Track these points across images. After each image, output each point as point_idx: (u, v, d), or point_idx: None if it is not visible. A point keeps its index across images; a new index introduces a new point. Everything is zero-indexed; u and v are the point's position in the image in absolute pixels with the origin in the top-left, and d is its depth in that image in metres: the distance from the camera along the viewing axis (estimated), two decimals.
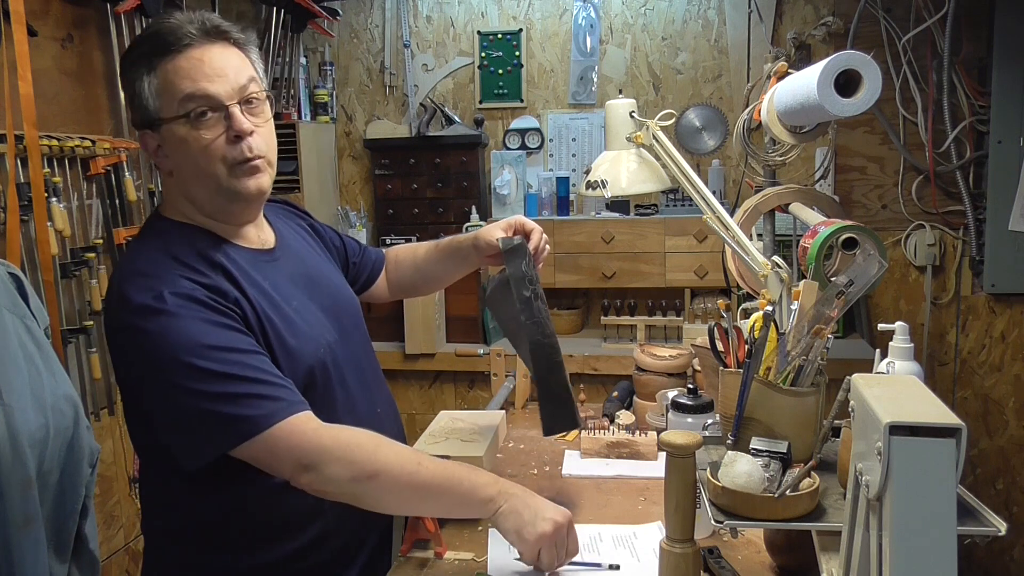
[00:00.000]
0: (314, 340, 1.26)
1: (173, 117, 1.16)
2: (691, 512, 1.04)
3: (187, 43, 1.16)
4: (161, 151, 1.21)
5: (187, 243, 1.21)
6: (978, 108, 2.72)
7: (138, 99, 1.18)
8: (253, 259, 1.27)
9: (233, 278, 1.20)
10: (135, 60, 1.18)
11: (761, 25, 3.02)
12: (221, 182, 1.19)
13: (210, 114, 1.16)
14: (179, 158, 1.19)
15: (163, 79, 1.16)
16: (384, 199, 3.30)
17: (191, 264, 1.17)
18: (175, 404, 1.12)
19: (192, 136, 1.16)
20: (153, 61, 1.16)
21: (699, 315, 2.86)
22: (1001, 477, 2.89)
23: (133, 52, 1.20)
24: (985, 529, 0.91)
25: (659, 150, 1.57)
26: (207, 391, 1.10)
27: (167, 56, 1.16)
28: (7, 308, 1.54)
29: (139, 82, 1.17)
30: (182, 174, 1.21)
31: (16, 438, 1.46)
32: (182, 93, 1.15)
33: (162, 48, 1.16)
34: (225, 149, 1.18)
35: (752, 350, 1.16)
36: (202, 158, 1.17)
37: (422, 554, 1.29)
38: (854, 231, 1.26)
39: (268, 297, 1.23)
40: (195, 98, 1.15)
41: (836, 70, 1.24)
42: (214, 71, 1.17)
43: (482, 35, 3.27)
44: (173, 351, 1.10)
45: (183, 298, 1.12)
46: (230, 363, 1.11)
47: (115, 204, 2.29)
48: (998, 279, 2.76)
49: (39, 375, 1.56)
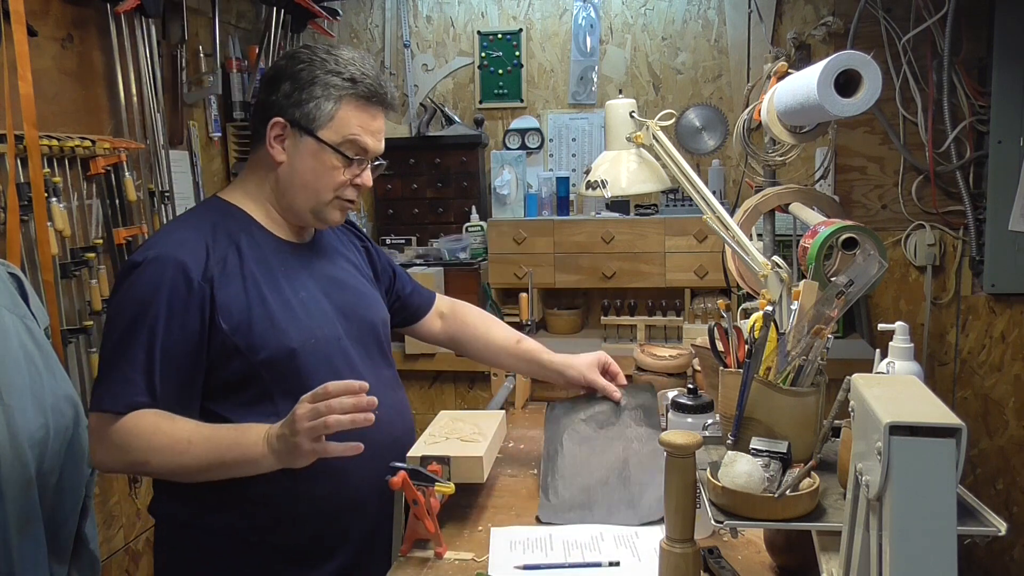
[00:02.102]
0: (307, 329, 1.35)
1: (328, 143, 1.34)
2: (691, 512, 1.04)
3: (378, 102, 1.38)
4: (283, 142, 1.36)
5: (222, 220, 1.36)
6: (978, 108, 2.72)
7: (310, 105, 1.33)
8: (278, 247, 1.40)
9: (243, 255, 1.33)
10: (328, 84, 1.34)
11: (761, 25, 3.02)
12: (322, 206, 1.38)
13: (355, 160, 1.36)
14: (301, 166, 1.36)
15: (343, 115, 1.34)
16: (384, 199, 3.30)
17: (211, 235, 1.32)
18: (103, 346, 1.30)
19: (331, 165, 1.35)
20: (344, 99, 1.34)
21: (699, 315, 2.86)
22: (1001, 477, 2.89)
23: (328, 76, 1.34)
24: (985, 529, 0.91)
25: (659, 150, 1.57)
26: (111, 351, 1.27)
27: (356, 103, 1.35)
28: (7, 308, 1.54)
29: (318, 98, 1.33)
30: (294, 176, 1.37)
31: (16, 438, 1.46)
32: (351, 135, 1.35)
33: (356, 96, 1.35)
34: (344, 188, 1.37)
35: (752, 350, 1.16)
36: (324, 182, 1.36)
37: (422, 554, 1.29)
38: (854, 231, 1.26)
39: (275, 280, 1.35)
40: (356, 145, 1.36)
41: (836, 70, 1.24)
42: (379, 133, 1.39)
43: (482, 35, 3.27)
44: (119, 305, 1.28)
45: (157, 265, 1.27)
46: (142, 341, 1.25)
47: (115, 204, 2.28)
48: (998, 279, 2.76)
49: (39, 375, 1.56)
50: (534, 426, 1.91)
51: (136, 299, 1.26)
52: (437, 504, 1.30)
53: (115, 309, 1.29)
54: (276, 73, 1.38)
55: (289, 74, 1.35)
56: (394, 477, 1.23)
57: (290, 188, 1.37)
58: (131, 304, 1.27)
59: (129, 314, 1.26)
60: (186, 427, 1.27)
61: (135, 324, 1.26)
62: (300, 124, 1.34)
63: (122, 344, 1.26)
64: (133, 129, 2.40)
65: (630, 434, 1.57)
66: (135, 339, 1.25)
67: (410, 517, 1.29)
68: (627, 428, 1.59)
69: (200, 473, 1.27)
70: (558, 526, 1.36)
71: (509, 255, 3.00)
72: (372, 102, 1.37)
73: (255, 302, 1.31)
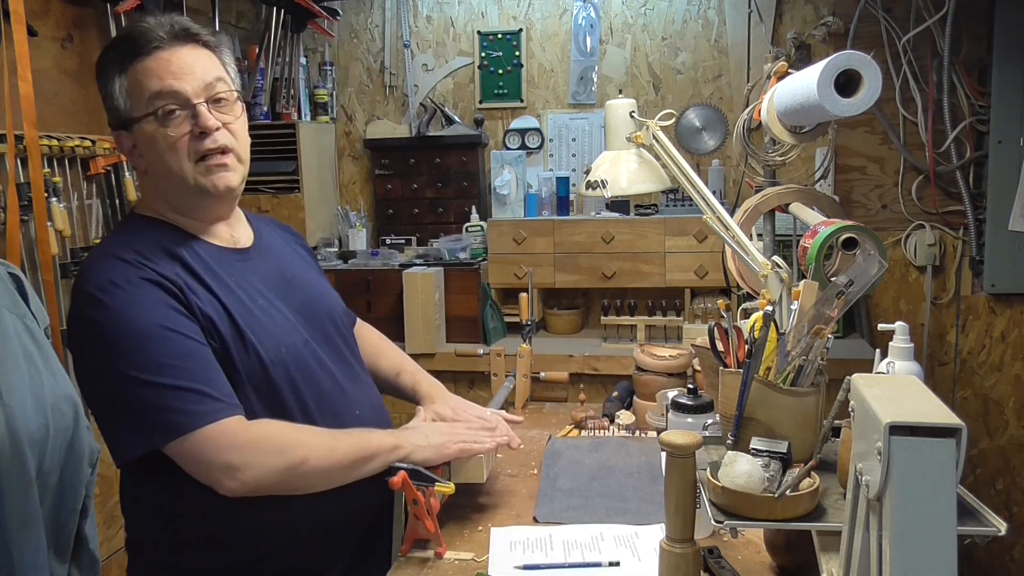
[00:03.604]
0: (275, 338, 1.27)
1: (143, 116, 1.21)
2: (691, 512, 1.04)
3: (156, 45, 1.21)
4: (136, 151, 1.25)
5: (152, 238, 1.24)
6: (978, 108, 2.71)
7: (111, 100, 1.23)
8: (220, 256, 1.30)
9: (191, 270, 1.23)
10: (108, 63, 1.23)
11: (761, 25, 3.02)
12: (188, 178, 1.23)
13: (177, 112, 1.21)
14: (151, 156, 1.23)
15: (132, 79, 1.21)
16: (384, 199, 3.30)
17: (149, 256, 1.21)
18: (111, 391, 1.15)
19: (160, 133, 1.21)
20: (124, 63, 1.21)
21: (699, 315, 2.86)
22: (1001, 477, 2.88)
23: (106, 56, 1.24)
24: (985, 529, 0.91)
25: (659, 150, 1.57)
26: (143, 379, 1.12)
27: (137, 58, 1.20)
28: (7, 308, 1.54)
29: (111, 84, 1.22)
30: (155, 172, 1.25)
31: (16, 438, 1.46)
32: (150, 91, 1.20)
33: (133, 50, 1.21)
34: (191, 144, 1.22)
35: (752, 350, 1.15)
36: (170, 154, 1.21)
37: (422, 554, 1.29)
38: (854, 231, 1.26)
39: (230, 292, 1.25)
40: (162, 95, 1.20)
41: (836, 70, 1.24)
42: (181, 70, 1.21)
43: (482, 35, 3.27)
44: (114, 338, 1.14)
45: (132, 285, 1.16)
46: (168, 352, 1.14)
47: (115, 204, 2.29)
48: (998, 279, 2.76)
49: (39, 375, 1.56)
50: (534, 426, 1.91)
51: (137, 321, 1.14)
52: (437, 504, 1.30)
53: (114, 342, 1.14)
54: None
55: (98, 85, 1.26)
56: (394, 477, 1.23)
57: (162, 181, 1.25)
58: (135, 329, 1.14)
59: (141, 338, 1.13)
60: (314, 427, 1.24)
61: (155, 343, 1.13)
62: (122, 123, 1.23)
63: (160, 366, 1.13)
64: None
65: (630, 468, 1.59)
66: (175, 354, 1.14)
67: (410, 517, 1.29)
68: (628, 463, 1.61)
69: (349, 468, 1.22)
70: (558, 526, 1.36)
71: (509, 255, 3.00)
72: (155, 48, 1.20)
73: (220, 317, 1.22)
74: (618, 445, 1.72)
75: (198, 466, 1.14)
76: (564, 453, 1.68)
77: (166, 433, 1.12)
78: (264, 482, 1.16)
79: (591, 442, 1.75)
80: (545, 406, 2.13)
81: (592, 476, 1.56)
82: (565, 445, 1.73)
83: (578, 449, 1.70)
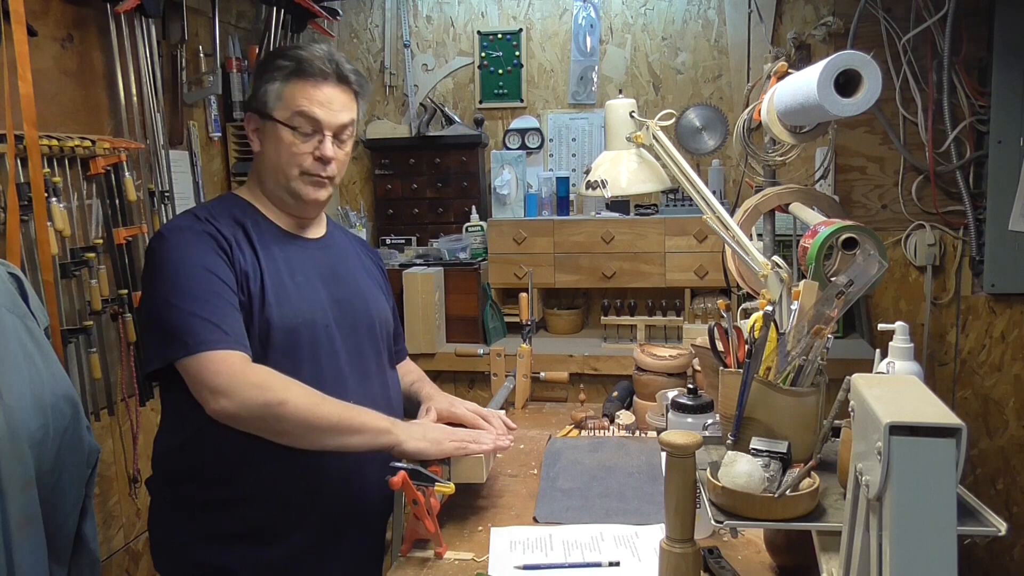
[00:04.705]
0: (295, 308, 1.41)
1: (282, 121, 1.43)
2: (691, 512, 1.04)
3: (319, 77, 1.44)
4: (258, 134, 1.48)
5: (228, 208, 1.47)
6: (978, 108, 2.72)
7: (262, 92, 1.45)
8: (280, 234, 1.49)
9: (248, 235, 1.43)
10: (273, 68, 1.45)
11: (761, 25, 3.02)
12: (291, 182, 1.45)
13: (310, 133, 1.44)
14: (269, 149, 1.46)
15: (288, 91, 1.43)
16: (384, 199, 3.30)
17: (217, 217, 1.43)
18: (149, 307, 1.35)
19: (288, 141, 1.43)
20: (287, 76, 1.44)
21: (699, 315, 2.86)
22: (1001, 477, 2.89)
23: (273, 61, 1.46)
24: (985, 529, 0.91)
25: (659, 150, 1.57)
26: (173, 303, 1.31)
27: (300, 77, 1.43)
28: (7, 308, 1.54)
29: (269, 83, 1.44)
30: (266, 160, 1.47)
31: (16, 438, 1.46)
32: (297, 108, 1.43)
33: (299, 71, 1.43)
34: (307, 162, 1.44)
35: (752, 350, 1.16)
36: (287, 158, 1.44)
37: (422, 554, 1.29)
38: (854, 231, 1.26)
39: (273, 261, 1.43)
40: (305, 116, 1.43)
41: (836, 70, 1.24)
42: (327, 104, 1.44)
43: (482, 35, 3.27)
44: (161, 265, 1.35)
45: (193, 233, 1.38)
46: (201, 288, 1.32)
47: (115, 204, 2.28)
48: (998, 279, 2.76)
49: (39, 375, 1.56)
50: (534, 426, 1.91)
51: (185, 258, 1.34)
52: (437, 504, 1.30)
53: (163, 268, 1.34)
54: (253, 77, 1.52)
55: (255, 72, 1.52)
56: (394, 477, 1.23)
57: (265, 171, 1.48)
58: (180, 262, 1.34)
59: (183, 270, 1.33)
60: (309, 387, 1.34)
61: (193, 278, 1.32)
62: (259, 111, 1.45)
63: (190, 295, 1.31)
64: (133, 129, 2.40)
65: (630, 468, 1.59)
66: (206, 290, 1.32)
67: (410, 517, 1.29)
68: (628, 463, 1.61)
69: (329, 431, 1.31)
70: (558, 526, 1.36)
71: (509, 255, 3.00)
72: (317, 76, 1.44)
73: (257, 277, 1.39)
74: (618, 445, 1.72)
75: (194, 385, 1.29)
76: (564, 453, 1.68)
77: (177, 351, 1.29)
78: (242, 412, 1.28)
79: (591, 442, 1.75)
80: (545, 406, 2.13)
81: (592, 476, 1.56)
82: (565, 445, 1.73)
83: (578, 449, 1.70)
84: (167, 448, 1.44)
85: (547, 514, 1.41)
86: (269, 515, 1.39)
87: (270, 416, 1.28)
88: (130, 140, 2.36)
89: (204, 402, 1.28)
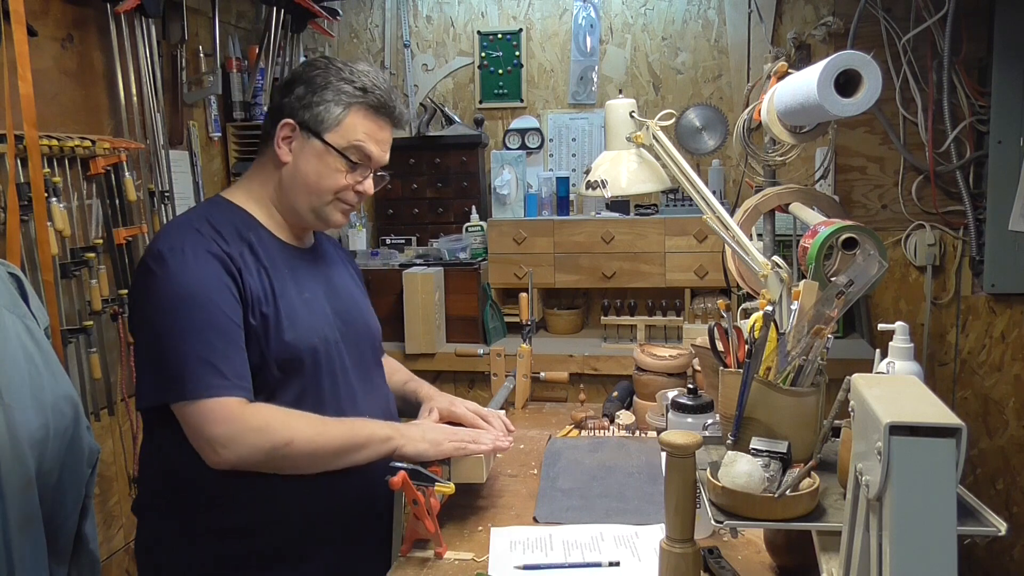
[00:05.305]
0: (311, 327, 1.37)
1: (337, 148, 1.37)
2: (691, 512, 1.04)
3: (386, 114, 1.41)
4: (291, 144, 1.39)
5: (229, 219, 1.37)
6: (978, 108, 2.72)
7: (314, 105, 1.37)
8: (283, 248, 1.42)
9: (255, 253, 1.35)
10: (338, 90, 1.37)
11: (761, 25, 3.02)
12: (323, 206, 1.40)
13: (358, 167, 1.39)
14: (306, 167, 1.38)
15: (351, 121, 1.38)
16: (384, 199, 3.29)
17: (221, 232, 1.33)
18: (147, 338, 1.28)
19: (335, 168, 1.38)
20: (354, 106, 1.38)
21: (699, 315, 2.86)
22: (1001, 477, 2.88)
23: (340, 82, 1.38)
24: (985, 529, 0.91)
25: (659, 150, 1.57)
26: (173, 339, 1.23)
27: (367, 111, 1.39)
28: (7, 308, 1.54)
29: (328, 102, 1.37)
30: (298, 177, 1.39)
31: (16, 438, 1.46)
32: (355, 140, 1.38)
33: (369, 101, 1.38)
34: (344, 193, 1.40)
35: (752, 350, 1.15)
36: (326, 184, 1.38)
37: (422, 554, 1.29)
38: (854, 231, 1.26)
39: (283, 279, 1.37)
40: (361, 152, 1.39)
41: (836, 70, 1.24)
42: (383, 143, 1.42)
43: (482, 35, 3.27)
44: (163, 294, 1.25)
45: (196, 256, 1.28)
46: (202, 323, 1.24)
47: (115, 204, 2.28)
48: (998, 279, 2.76)
49: (39, 375, 1.56)
50: (534, 426, 1.91)
51: (187, 287, 1.25)
52: (437, 504, 1.30)
53: (162, 298, 1.25)
54: (292, 78, 1.42)
55: (304, 79, 1.39)
56: (394, 477, 1.23)
57: (292, 188, 1.40)
58: (182, 293, 1.25)
59: (185, 303, 1.24)
60: (312, 414, 1.30)
61: (194, 311, 1.24)
62: (308, 126, 1.37)
63: (190, 332, 1.23)
64: (133, 129, 2.40)
65: (630, 468, 1.59)
66: (207, 325, 1.24)
67: (410, 517, 1.29)
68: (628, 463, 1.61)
69: (336, 455, 1.29)
70: (558, 526, 1.36)
71: (509, 255, 3.00)
72: (381, 113, 1.40)
73: (270, 299, 1.34)
74: (618, 445, 1.72)
75: (192, 434, 1.24)
76: (564, 453, 1.68)
77: (175, 394, 1.23)
78: (247, 459, 1.24)
79: (591, 442, 1.75)
80: (545, 406, 2.13)
81: (592, 476, 1.56)
82: (565, 445, 1.73)
83: (578, 449, 1.70)
84: (161, 472, 1.37)
85: (547, 514, 1.41)
86: (282, 540, 1.35)
87: (277, 458, 1.25)
88: (130, 140, 2.36)
89: (203, 454, 1.23)
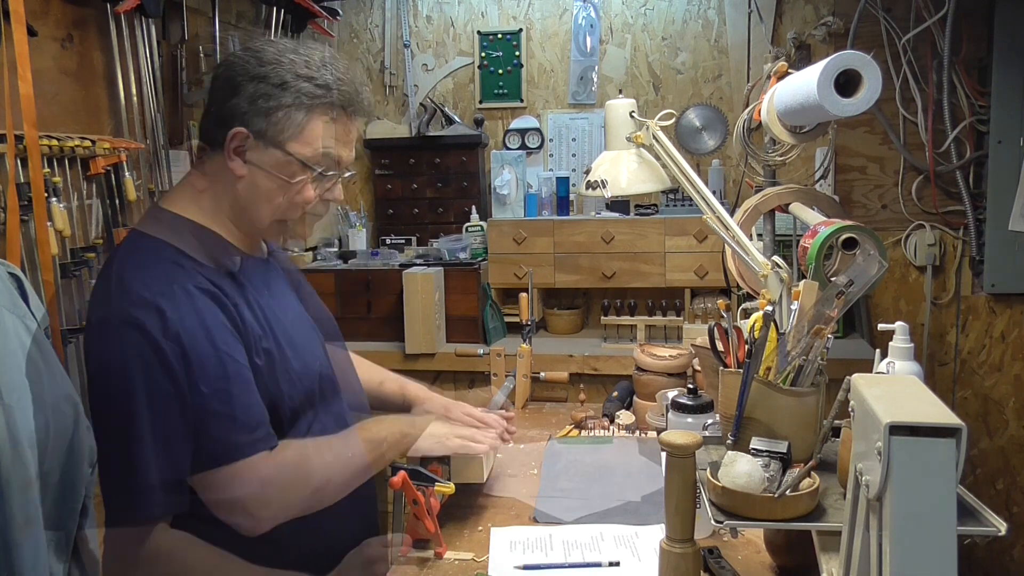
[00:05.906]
0: (308, 353, 1.29)
1: (298, 157, 1.16)
2: (691, 512, 1.04)
3: (354, 111, 1.21)
4: (244, 154, 1.17)
5: (197, 242, 1.18)
6: (978, 108, 2.71)
7: (271, 111, 1.15)
8: (254, 264, 1.28)
9: (240, 283, 1.21)
10: (300, 87, 1.15)
11: (761, 25, 3.01)
12: (292, 224, 1.23)
13: (330, 175, 1.20)
14: (267, 182, 1.17)
15: (314, 124, 1.16)
16: (384, 199, 3.30)
17: (200, 263, 1.16)
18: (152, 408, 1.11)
19: (302, 180, 1.18)
20: (316, 105, 1.16)
21: (699, 315, 2.86)
22: (1001, 477, 2.88)
23: (300, 74, 1.16)
24: (985, 529, 0.91)
25: (659, 150, 1.57)
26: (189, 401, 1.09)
27: (334, 110, 1.17)
28: (7, 308, 1.54)
29: (288, 107, 1.15)
30: (254, 190, 1.18)
31: (16, 438, 1.46)
32: (326, 148, 1.18)
33: (334, 100, 1.17)
34: (314, 203, 1.21)
35: (752, 350, 1.16)
36: (292, 198, 1.19)
37: (422, 554, 1.29)
38: (854, 231, 1.26)
39: (271, 308, 1.24)
40: (330, 159, 1.19)
41: (836, 70, 1.24)
42: (352, 140, 1.23)
43: (482, 35, 3.27)
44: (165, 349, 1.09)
45: (189, 295, 1.11)
46: (218, 375, 1.10)
47: (115, 204, 2.28)
48: (998, 279, 2.76)
49: (39, 375, 1.55)
50: (534, 426, 1.91)
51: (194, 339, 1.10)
52: (437, 504, 1.30)
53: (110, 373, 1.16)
54: (234, 72, 1.17)
55: (254, 75, 1.15)
56: (394, 477, 1.23)
57: (253, 205, 1.19)
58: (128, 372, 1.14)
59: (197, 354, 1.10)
60: (330, 438, 1.25)
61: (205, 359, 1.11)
62: (266, 135, 1.16)
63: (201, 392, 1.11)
64: (133, 129, 2.40)
65: (630, 468, 1.59)
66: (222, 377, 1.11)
67: (410, 517, 1.29)
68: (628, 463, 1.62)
69: (365, 472, 1.25)
70: (558, 526, 1.36)
71: (509, 255, 3.00)
72: (348, 111, 1.20)
73: (266, 335, 1.20)
74: (618, 445, 1.72)
75: (217, 500, 1.11)
76: (564, 453, 1.68)
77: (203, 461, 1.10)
78: (291, 514, 1.15)
79: (591, 442, 1.75)
80: (545, 406, 2.13)
81: (592, 476, 1.56)
82: (565, 445, 1.73)
83: (578, 449, 1.70)
84: None
85: (547, 514, 1.41)
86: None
87: (316, 505, 1.17)
88: (130, 140, 2.36)
89: (236, 522, 1.11)
